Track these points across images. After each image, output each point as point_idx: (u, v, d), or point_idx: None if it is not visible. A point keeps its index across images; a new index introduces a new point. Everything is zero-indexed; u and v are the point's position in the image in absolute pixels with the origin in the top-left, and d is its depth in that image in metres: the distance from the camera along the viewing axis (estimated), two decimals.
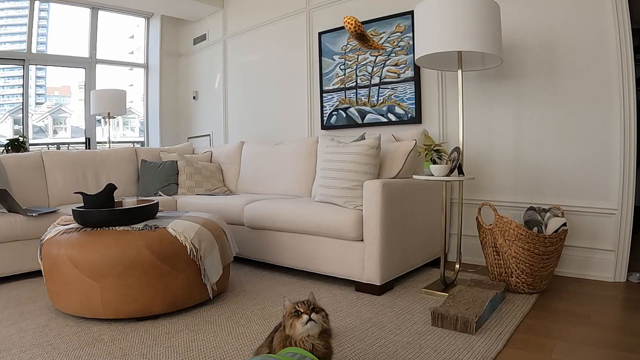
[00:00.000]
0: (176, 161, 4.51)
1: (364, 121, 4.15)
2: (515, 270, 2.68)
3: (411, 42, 3.79)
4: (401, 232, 2.91)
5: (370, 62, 4.08)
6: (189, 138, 6.29)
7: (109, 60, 6.14)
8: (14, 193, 3.49)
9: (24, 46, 5.30)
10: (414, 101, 3.81)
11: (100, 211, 2.53)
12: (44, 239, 2.56)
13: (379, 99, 4.03)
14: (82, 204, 2.69)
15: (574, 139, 3.09)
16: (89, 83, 5.89)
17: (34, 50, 5.37)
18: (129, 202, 2.80)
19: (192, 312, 2.49)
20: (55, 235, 2.49)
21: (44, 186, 3.98)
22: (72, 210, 2.58)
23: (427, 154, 2.84)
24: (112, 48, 6.19)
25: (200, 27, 6.12)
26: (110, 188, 2.67)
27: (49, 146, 5.73)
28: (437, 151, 2.84)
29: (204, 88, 6.13)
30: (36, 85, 5.62)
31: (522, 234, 2.62)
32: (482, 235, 2.85)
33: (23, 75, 5.32)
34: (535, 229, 2.72)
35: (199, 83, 6.21)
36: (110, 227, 2.49)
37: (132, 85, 6.56)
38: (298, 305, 1.55)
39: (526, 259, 2.63)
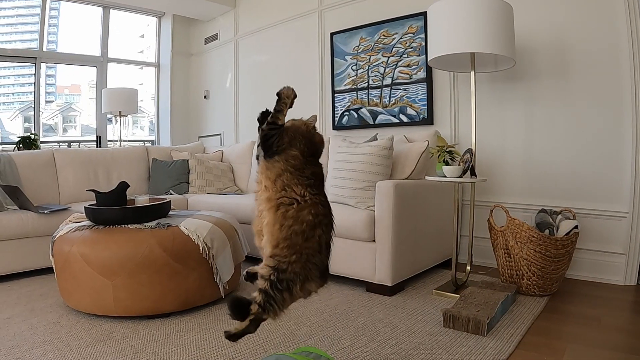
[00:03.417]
0: (187, 160, 4.51)
1: (376, 122, 4.14)
2: (527, 273, 2.66)
3: (423, 44, 3.78)
4: (413, 233, 2.90)
5: (382, 63, 4.07)
6: (200, 137, 6.30)
7: (121, 59, 6.17)
8: (25, 190, 3.51)
9: (35, 44, 5.33)
10: (425, 102, 3.80)
11: (112, 209, 2.54)
12: (56, 236, 2.57)
13: (391, 99, 4.02)
14: (93, 202, 2.70)
15: (585, 141, 3.07)
16: (101, 81, 5.92)
17: (45, 49, 5.41)
18: (141, 200, 2.81)
19: (204, 310, 2.49)
20: (68, 232, 2.51)
21: (55, 184, 4.00)
22: (85, 207, 2.60)
23: (440, 155, 2.83)
24: (121, 47, 6.22)
25: (212, 26, 6.14)
26: (123, 186, 2.68)
27: (60, 144, 5.76)
28: (450, 152, 2.83)
29: (215, 87, 6.15)
30: (46, 84, 5.65)
31: (533, 236, 2.61)
32: (493, 237, 2.84)
33: (34, 74, 5.36)
34: (546, 231, 2.71)
35: (210, 82, 6.23)
36: (123, 225, 2.50)
37: (141, 84, 6.59)
38: None
39: (537, 261, 2.61)
